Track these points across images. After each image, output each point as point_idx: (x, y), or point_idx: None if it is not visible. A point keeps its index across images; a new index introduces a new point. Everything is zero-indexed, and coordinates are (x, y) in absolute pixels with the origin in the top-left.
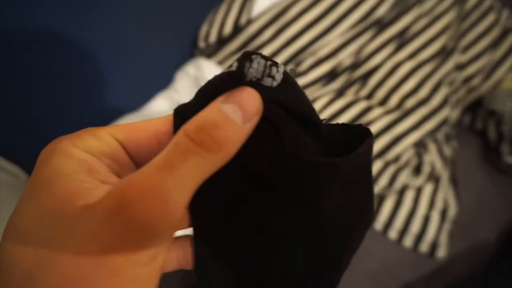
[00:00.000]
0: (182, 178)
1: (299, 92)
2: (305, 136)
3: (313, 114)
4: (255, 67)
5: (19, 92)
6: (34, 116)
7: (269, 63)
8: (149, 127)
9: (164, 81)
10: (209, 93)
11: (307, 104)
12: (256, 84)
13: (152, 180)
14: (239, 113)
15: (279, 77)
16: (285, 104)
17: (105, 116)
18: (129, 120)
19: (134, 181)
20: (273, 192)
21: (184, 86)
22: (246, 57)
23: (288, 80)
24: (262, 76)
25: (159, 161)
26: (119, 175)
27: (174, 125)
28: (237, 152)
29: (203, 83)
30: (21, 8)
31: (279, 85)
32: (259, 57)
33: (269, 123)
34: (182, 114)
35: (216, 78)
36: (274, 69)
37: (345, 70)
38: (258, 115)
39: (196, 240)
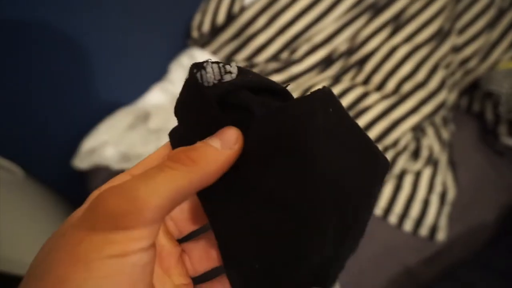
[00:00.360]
0: (154, 185)
1: (255, 74)
2: (273, 103)
3: (275, 83)
4: (211, 71)
5: (18, 90)
6: (31, 114)
7: (221, 64)
8: (158, 154)
9: (158, 73)
10: (182, 111)
11: (266, 79)
12: (219, 84)
13: (127, 183)
14: (218, 141)
15: (235, 70)
16: (248, 85)
17: (101, 110)
18: (125, 112)
19: (113, 185)
20: (270, 161)
21: (179, 77)
22: (198, 66)
23: (243, 69)
24: (221, 75)
25: (140, 173)
26: None
27: (171, 144)
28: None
29: None
30: (21, 8)
31: (237, 75)
32: (209, 63)
33: (243, 110)
34: (175, 135)
35: (181, 95)
36: (228, 67)
37: (341, 56)
38: (238, 144)
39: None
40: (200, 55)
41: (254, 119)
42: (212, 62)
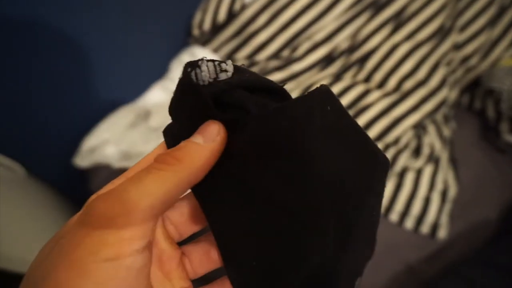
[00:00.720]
0: (143, 186)
1: (252, 73)
2: (270, 102)
3: (272, 82)
4: (206, 70)
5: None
6: (31, 113)
7: (217, 62)
8: (154, 155)
9: (159, 71)
10: (175, 110)
11: (263, 78)
12: (215, 83)
13: (118, 187)
14: (200, 137)
15: (230, 68)
16: (244, 84)
17: (101, 109)
18: (125, 111)
19: (105, 190)
20: (268, 162)
21: (180, 75)
22: (193, 65)
23: (240, 68)
24: (217, 74)
25: (130, 177)
26: None
27: (166, 142)
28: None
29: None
30: (21, 8)
31: (233, 74)
32: (204, 61)
33: (237, 109)
34: (170, 133)
35: (175, 94)
36: (223, 65)
37: (342, 53)
38: (220, 136)
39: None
40: (201, 53)
41: (250, 118)
42: (208, 60)
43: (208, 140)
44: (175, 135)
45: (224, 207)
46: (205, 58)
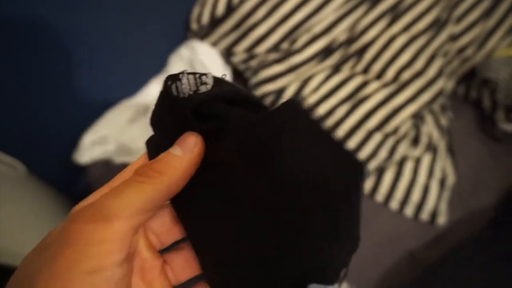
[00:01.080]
0: (123, 199)
1: (231, 85)
2: (248, 114)
3: (251, 95)
4: (187, 83)
5: (18, 90)
6: (31, 113)
7: (197, 75)
8: (137, 165)
9: (158, 66)
10: (157, 122)
11: (242, 90)
12: (194, 95)
13: (98, 200)
14: (178, 148)
15: (210, 81)
16: (224, 96)
17: (101, 109)
18: (125, 106)
19: (84, 204)
20: (247, 169)
21: (179, 69)
22: (173, 78)
23: (219, 80)
24: (197, 86)
25: (110, 190)
26: None
27: (148, 153)
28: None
29: (197, 65)
30: (21, 8)
31: (213, 86)
32: (185, 74)
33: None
34: (152, 143)
35: (156, 106)
36: (204, 77)
37: (340, 45)
38: (197, 147)
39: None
40: (200, 47)
41: (230, 129)
42: (188, 73)
43: (187, 151)
44: (156, 146)
45: (203, 217)
46: (185, 71)
